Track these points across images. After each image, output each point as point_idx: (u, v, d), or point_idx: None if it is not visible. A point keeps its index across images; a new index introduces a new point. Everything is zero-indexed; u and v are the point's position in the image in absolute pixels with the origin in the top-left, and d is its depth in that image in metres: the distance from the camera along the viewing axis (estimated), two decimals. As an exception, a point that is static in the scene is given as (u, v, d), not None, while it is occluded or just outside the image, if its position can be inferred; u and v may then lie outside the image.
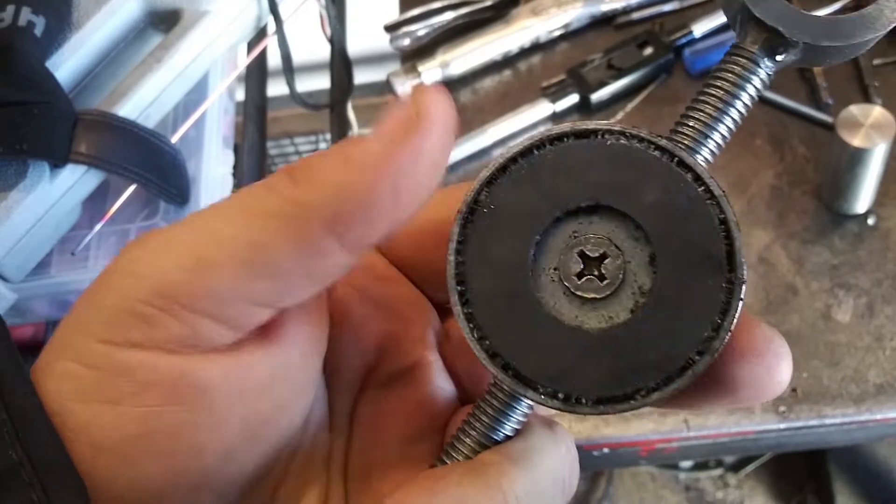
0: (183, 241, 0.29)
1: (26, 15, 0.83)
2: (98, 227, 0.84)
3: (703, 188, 0.29)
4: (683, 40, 1.00)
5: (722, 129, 0.30)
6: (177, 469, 0.29)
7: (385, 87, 1.03)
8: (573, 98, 0.97)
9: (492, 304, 0.30)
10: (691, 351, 0.29)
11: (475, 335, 0.30)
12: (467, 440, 0.32)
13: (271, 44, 1.00)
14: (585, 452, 0.82)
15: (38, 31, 0.83)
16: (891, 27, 0.29)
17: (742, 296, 0.29)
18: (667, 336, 0.29)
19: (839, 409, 0.78)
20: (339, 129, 1.06)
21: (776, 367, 0.29)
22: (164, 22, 0.91)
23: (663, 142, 0.30)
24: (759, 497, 1.85)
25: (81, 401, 0.28)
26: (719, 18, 0.99)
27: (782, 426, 0.78)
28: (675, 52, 0.99)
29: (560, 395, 0.30)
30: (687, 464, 1.85)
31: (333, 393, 0.36)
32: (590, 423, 0.75)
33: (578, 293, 0.30)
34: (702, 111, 0.30)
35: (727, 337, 0.28)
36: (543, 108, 0.97)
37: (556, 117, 0.98)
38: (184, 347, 0.29)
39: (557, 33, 1.03)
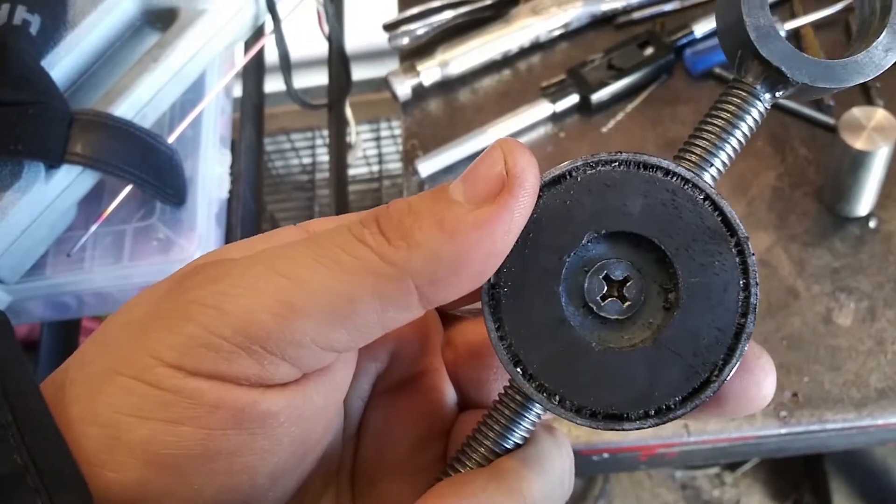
0: (272, 283, 0.29)
1: (21, 13, 0.82)
2: (94, 227, 0.84)
3: (704, 199, 0.32)
4: (684, 40, 0.99)
5: (721, 158, 0.32)
6: (229, 488, 0.30)
7: (383, 85, 1.03)
8: (573, 98, 0.97)
9: (520, 317, 0.32)
10: (717, 355, 0.31)
11: (502, 343, 0.32)
12: (481, 448, 0.33)
13: (269, 41, 0.99)
14: (585, 457, 0.82)
15: (33, 30, 0.82)
16: (878, 73, 0.31)
17: (750, 248, 0.31)
18: (693, 340, 0.31)
19: (840, 413, 0.78)
20: (337, 127, 1.05)
21: (763, 381, 0.32)
22: (161, 21, 0.90)
23: (673, 167, 0.32)
24: (756, 495, 1.85)
25: (141, 417, 0.28)
26: None
27: (783, 431, 0.78)
28: (675, 53, 0.98)
29: (576, 408, 0.31)
30: (684, 462, 1.85)
31: (347, 400, 0.37)
32: (588, 428, 0.75)
33: (602, 314, 0.32)
34: (702, 141, 0.32)
35: (755, 308, 0.31)
36: (543, 109, 0.96)
37: (555, 117, 0.97)
38: (252, 383, 0.29)
39: (557, 33, 1.02)
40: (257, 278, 0.29)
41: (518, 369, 0.32)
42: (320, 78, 1.31)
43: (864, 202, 0.85)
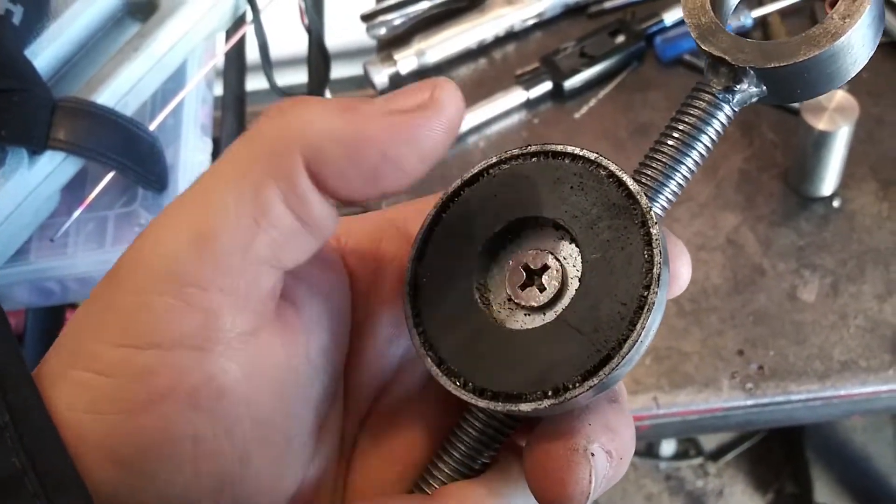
0: (180, 217, 0.28)
1: (4, 3, 0.83)
2: (77, 213, 0.85)
3: (608, 176, 0.31)
4: (654, 28, 1.01)
5: (688, 163, 0.32)
6: (198, 475, 0.29)
7: (365, 82, 1.05)
8: (546, 85, 0.99)
9: (436, 306, 0.32)
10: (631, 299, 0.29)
11: (417, 329, 0.33)
12: (444, 468, 0.33)
13: (250, 36, 1.00)
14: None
15: (16, 20, 0.83)
16: (835, 43, 0.30)
17: (654, 218, 0.30)
18: (594, 316, 0.30)
19: (804, 385, 0.80)
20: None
21: (678, 267, 0.32)
22: (142, 11, 0.92)
23: (578, 151, 0.32)
24: (739, 485, 1.87)
25: (97, 412, 0.27)
26: None
27: (749, 403, 0.80)
28: (646, 40, 1.01)
29: (479, 390, 0.31)
30: (667, 453, 1.87)
31: (345, 413, 0.35)
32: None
33: (521, 303, 0.32)
34: (665, 151, 0.32)
35: (660, 275, 0.29)
36: (517, 96, 0.99)
37: (529, 104, 1.00)
38: (205, 341, 0.28)
39: (531, 22, 1.05)
40: (169, 218, 0.29)
41: (429, 354, 0.32)
42: (301, 76, 1.33)
43: (828, 182, 0.87)
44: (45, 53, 0.86)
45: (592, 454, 0.30)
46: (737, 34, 0.32)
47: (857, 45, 0.30)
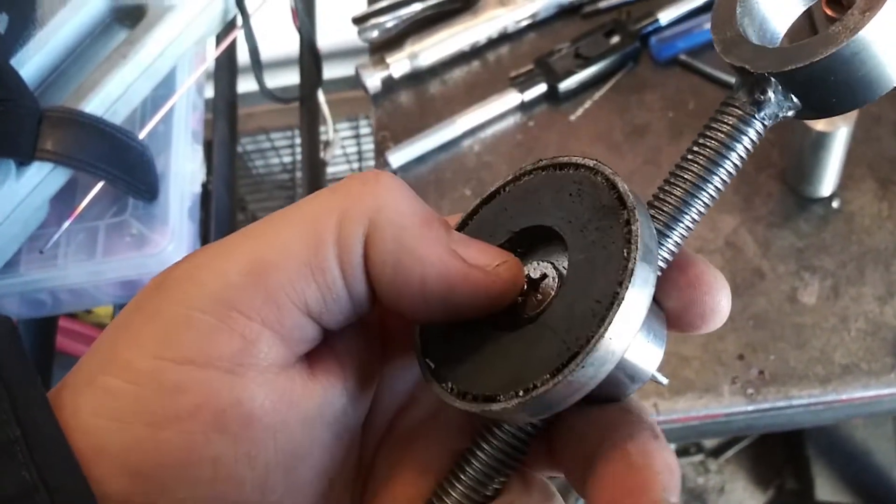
0: (242, 246, 0.29)
1: (-11, 13, 0.82)
2: (66, 224, 0.84)
3: (603, 180, 0.31)
4: (650, 28, 1.00)
5: (714, 181, 0.31)
6: (214, 497, 0.29)
7: (355, 80, 1.04)
8: (541, 87, 0.98)
9: (445, 330, 0.33)
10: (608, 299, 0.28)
11: (420, 337, 0.33)
12: (453, 492, 0.32)
13: (241, 40, 0.99)
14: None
15: (1, 29, 0.82)
16: (853, 38, 0.28)
17: (636, 217, 0.29)
18: (569, 315, 0.29)
19: (806, 390, 0.79)
20: (310, 121, 1.06)
21: (714, 292, 0.31)
22: (130, 17, 0.90)
23: (580, 160, 0.32)
24: (740, 482, 1.86)
25: (121, 421, 0.27)
26: (684, 6, 1.00)
27: (750, 408, 0.79)
28: (641, 41, 1.00)
29: (461, 393, 0.31)
30: (667, 450, 1.86)
31: (363, 436, 0.35)
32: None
33: (519, 312, 0.32)
34: (690, 168, 0.31)
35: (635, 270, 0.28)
36: (512, 98, 0.97)
37: (524, 107, 0.99)
38: (238, 365, 0.28)
39: (525, 23, 1.03)
40: (232, 244, 0.29)
41: (426, 360, 0.33)
42: (295, 77, 1.32)
43: (827, 183, 0.86)
44: (31, 62, 0.85)
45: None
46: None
47: (884, 41, 0.28)
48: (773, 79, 0.30)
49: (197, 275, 0.29)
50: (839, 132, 0.79)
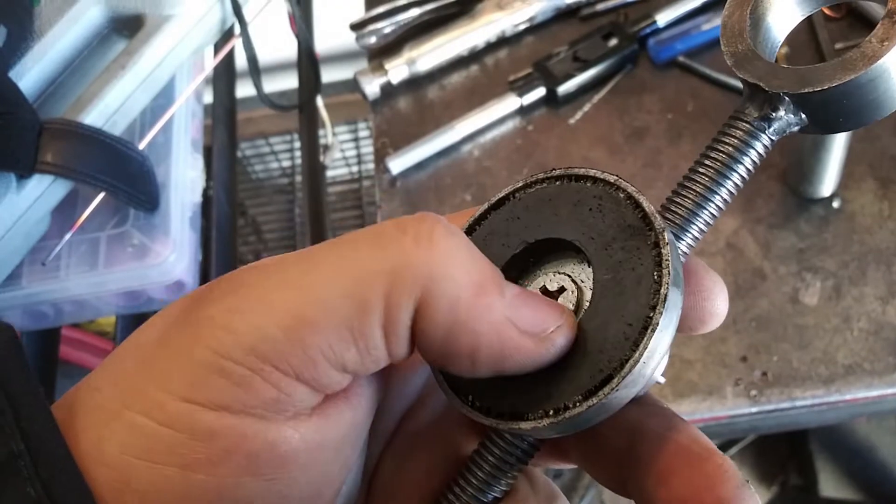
0: (283, 294, 0.28)
1: (-13, 26, 0.82)
2: (68, 236, 0.84)
3: (626, 198, 0.31)
4: (647, 30, 1.00)
5: (721, 193, 0.31)
6: None
7: (353, 84, 1.04)
8: (540, 91, 0.98)
9: None
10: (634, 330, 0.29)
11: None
12: (456, 502, 0.33)
13: (239, 45, 0.99)
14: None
15: (-1, 42, 0.82)
16: (871, 66, 0.29)
17: (666, 240, 0.29)
18: (601, 336, 0.30)
19: (809, 391, 0.79)
20: (309, 128, 1.06)
21: (712, 296, 0.32)
22: (128, 28, 0.90)
23: (600, 174, 0.32)
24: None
25: (150, 461, 0.27)
26: (682, 8, 1.00)
27: (754, 410, 0.79)
28: (639, 43, 1.00)
29: (486, 409, 0.31)
30: (671, 448, 1.86)
31: (369, 440, 0.35)
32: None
33: None
34: (698, 180, 0.31)
35: (667, 293, 0.29)
36: (511, 103, 0.97)
37: (523, 111, 0.99)
38: (272, 413, 0.28)
39: (523, 27, 1.03)
40: (269, 289, 0.28)
41: (442, 372, 0.32)
42: (292, 81, 1.32)
43: (827, 183, 0.86)
44: (30, 75, 0.85)
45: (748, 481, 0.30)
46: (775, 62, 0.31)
47: None
48: (787, 98, 0.30)
49: (231, 322, 0.27)
50: (839, 133, 0.79)
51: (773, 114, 0.31)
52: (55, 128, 0.79)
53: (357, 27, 1.01)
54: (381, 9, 1.02)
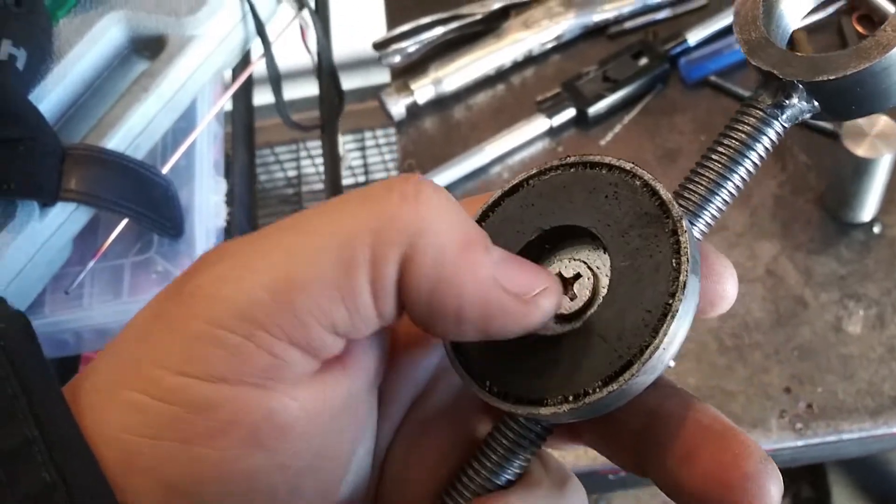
0: (271, 257, 0.27)
1: (7, 48, 0.80)
2: (91, 264, 0.82)
3: (643, 185, 0.31)
4: (678, 49, 0.98)
5: (734, 179, 0.32)
6: None
7: (366, 95, 1.02)
8: (570, 112, 0.96)
9: None
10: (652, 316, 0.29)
11: (453, 347, 0.33)
12: (471, 483, 0.33)
13: (254, 56, 0.97)
14: (602, 476, 0.81)
15: (19, 65, 0.80)
16: (886, 55, 0.29)
17: (684, 227, 0.29)
18: (619, 323, 0.30)
19: (856, 423, 0.77)
20: (330, 148, 1.04)
21: (722, 281, 0.32)
22: (149, 48, 0.88)
23: (615, 161, 0.32)
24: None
25: (152, 437, 0.27)
26: (713, 26, 0.98)
27: (800, 443, 0.77)
28: (670, 62, 0.98)
29: (503, 393, 0.31)
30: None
31: (379, 423, 0.35)
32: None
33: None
34: (711, 167, 0.32)
35: (687, 280, 0.29)
36: (540, 124, 0.95)
37: (552, 132, 0.97)
38: (269, 380, 0.27)
39: (550, 45, 1.01)
40: (256, 255, 0.28)
41: (458, 358, 0.32)
42: (305, 90, 1.29)
43: (868, 208, 0.85)
44: (50, 97, 0.83)
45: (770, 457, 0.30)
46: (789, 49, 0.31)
47: None
48: (800, 86, 0.31)
49: (221, 289, 0.27)
50: (882, 159, 0.78)
51: (787, 101, 0.31)
52: (78, 154, 0.77)
53: (380, 46, 0.99)
54: (404, 27, 1.00)
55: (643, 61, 0.97)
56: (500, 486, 0.32)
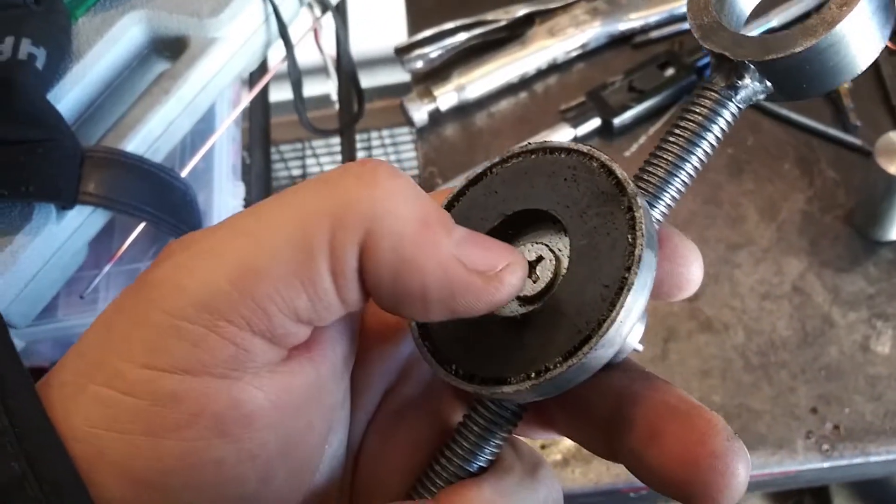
0: (232, 245, 0.27)
1: (27, 47, 0.78)
2: (108, 268, 0.80)
3: (599, 166, 0.32)
4: (705, 60, 0.97)
5: (692, 160, 0.32)
6: (219, 498, 0.28)
7: (374, 94, 1.00)
8: (595, 122, 0.95)
9: None
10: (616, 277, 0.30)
11: (420, 333, 0.33)
12: (443, 472, 0.33)
13: (272, 59, 0.96)
14: (623, 495, 0.80)
15: (39, 64, 0.78)
16: (831, 31, 0.30)
17: (639, 203, 0.30)
18: (578, 299, 0.30)
19: (884, 445, 0.76)
20: (349, 154, 1.03)
21: (687, 264, 0.32)
22: (170, 49, 0.87)
23: (573, 145, 0.33)
24: (756, 500, 1.85)
25: (118, 431, 0.27)
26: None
27: (826, 465, 0.76)
28: (697, 73, 0.97)
29: (468, 375, 0.31)
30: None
31: (352, 413, 0.35)
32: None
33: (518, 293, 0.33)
34: (669, 149, 0.32)
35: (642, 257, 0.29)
36: (565, 133, 0.94)
37: (577, 141, 0.95)
38: (233, 370, 0.27)
39: (574, 54, 1.00)
40: (216, 244, 0.28)
41: (425, 344, 0.33)
42: (319, 88, 1.27)
43: (897, 226, 0.84)
44: (68, 97, 0.81)
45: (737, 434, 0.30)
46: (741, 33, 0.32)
47: (857, 34, 0.30)
48: (751, 66, 0.31)
49: (181, 280, 0.27)
50: (916, 177, 0.77)
51: (739, 82, 0.32)
52: (98, 156, 0.76)
53: (402, 51, 0.98)
54: (427, 32, 0.98)
55: (669, 72, 0.96)
56: (473, 473, 0.32)
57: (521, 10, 0.99)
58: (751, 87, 0.32)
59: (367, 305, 0.34)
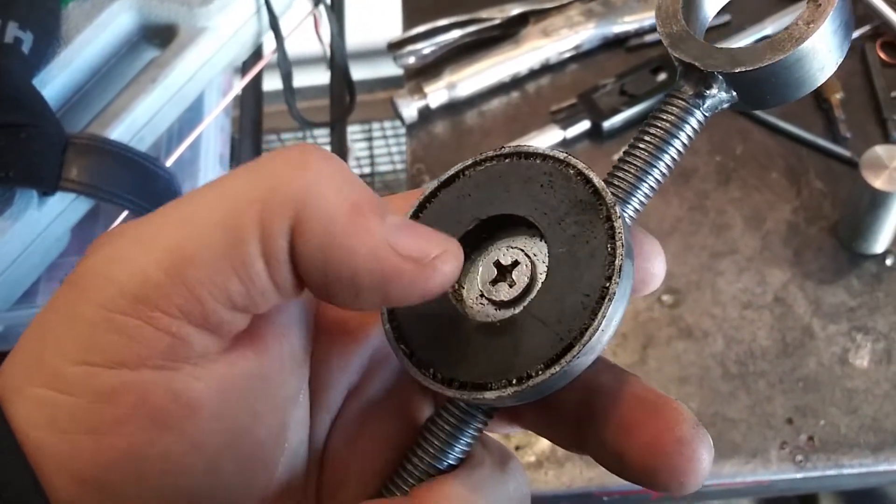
0: (159, 234, 0.27)
1: (13, 31, 0.78)
2: (88, 255, 0.80)
3: (576, 174, 0.32)
4: (697, 65, 0.96)
5: (660, 166, 0.33)
6: (166, 493, 0.28)
7: (374, 86, 1.00)
8: (584, 125, 0.94)
9: (414, 312, 0.33)
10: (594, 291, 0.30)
11: (391, 323, 0.33)
12: (414, 469, 0.33)
13: (267, 47, 0.95)
14: (596, 498, 0.80)
15: (25, 48, 0.78)
16: (798, 47, 0.30)
17: (618, 213, 0.30)
18: (558, 307, 0.31)
19: (857, 458, 0.76)
20: (339, 147, 1.02)
21: (651, 261, 0.33)
22: (159, 37, 0.86)
23: (549, 152, 0.33)
24: (744, 504, 1.85)
25: (59, 431, 0.26)
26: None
27: (799, 476, 0.76)
28: (688, 78, 0.96)
29: (447, 380, 0.31)
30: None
31: (314, 413, 0.34)
32: (602, 469, 0.73)
33: (492, 297, 0.33)
34: (638, 155, 0.33)
35: (622, 265, 0.30)
36: (554, 135, 0.94)
37: (565, 143, 0.95)
38: (171, 362, 0.27)
39: (568, 55, 1.00)
40: (146, 233, 0.27)
41: (401, 347, 0.33)
42: (314, 78, 1.27)
43: (882, 240, 0.83)
44: (55, 83, 0.81)
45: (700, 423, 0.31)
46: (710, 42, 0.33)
47: (822, 50, 0.31)
48: (720, 77, 0.32)
49: (112, 271, 0.26)
50: (901, 192, 0.76)
51: (707, 91, 0.32)
52: (81, 143, 0.75)
53: (395, 46, 0.98)
54: (420, 28, 0.98)
55: (662, 77, 0.95)
56: (443, 471, 0.32)
57: (515, 10, 0.99)
58: (718, 96, 0.32)
59: (323, 305, 0.34)
